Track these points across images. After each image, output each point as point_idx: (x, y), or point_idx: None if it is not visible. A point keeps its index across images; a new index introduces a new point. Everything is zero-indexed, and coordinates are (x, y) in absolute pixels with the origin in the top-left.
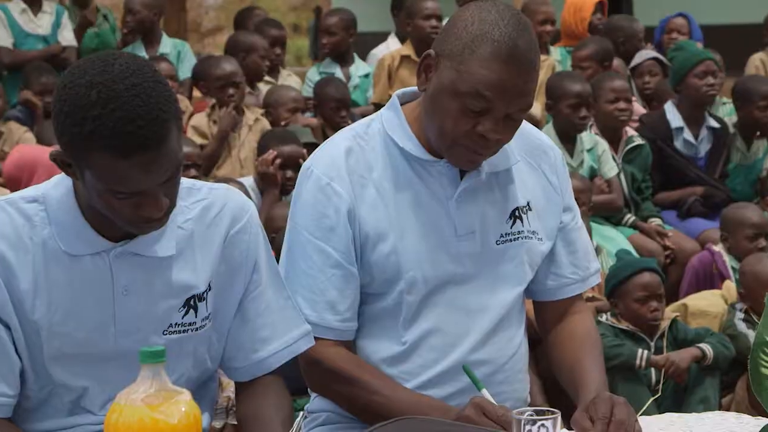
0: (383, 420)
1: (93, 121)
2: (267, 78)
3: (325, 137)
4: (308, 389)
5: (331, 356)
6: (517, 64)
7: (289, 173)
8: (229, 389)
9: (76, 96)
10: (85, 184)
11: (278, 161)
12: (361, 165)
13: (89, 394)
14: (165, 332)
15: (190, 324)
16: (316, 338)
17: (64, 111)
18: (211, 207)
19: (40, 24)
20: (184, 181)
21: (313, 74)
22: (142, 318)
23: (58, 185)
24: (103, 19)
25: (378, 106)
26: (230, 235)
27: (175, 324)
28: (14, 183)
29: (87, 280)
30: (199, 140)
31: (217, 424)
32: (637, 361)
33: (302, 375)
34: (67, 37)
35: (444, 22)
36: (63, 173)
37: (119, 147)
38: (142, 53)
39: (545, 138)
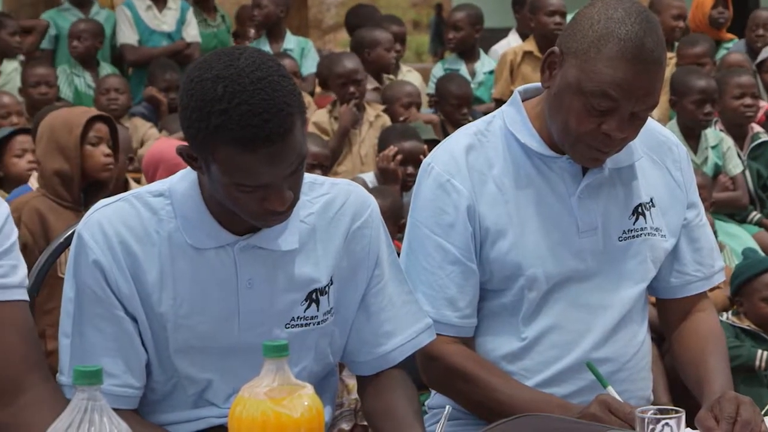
0: (502, 418)
1: (219, 115)
2: (385, 75)
3: (446, 134)
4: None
5: (450, 353)
6: (644, 63)
7: (410, 169)
8: (356, 392)
9: (203, 90)
10: (211, 178)
11: (399, 157)
12: (482, 162)
13: (213, 387)
14: (287, 325)
15: (312, 318)
16: (435, 335)
17: (191, 105)
18: (333, 202)
19: (165, 21)
20: (307, 176)
21: (438, 70)
22: (265, 311)
23: (183, 179)
24: (221, 20)
25: (499, 102)
26: (352, 230)
27: (298, 317)
28: (146, 177)
29: (212, 273)
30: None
31: (346, 427)
32: (757, 362)
33: (419, 371)
34: (191, 33)
35: (568, 19)
36: (188, 167)
37: (245, 140)
38: (267, 49)
39: (670, 134)
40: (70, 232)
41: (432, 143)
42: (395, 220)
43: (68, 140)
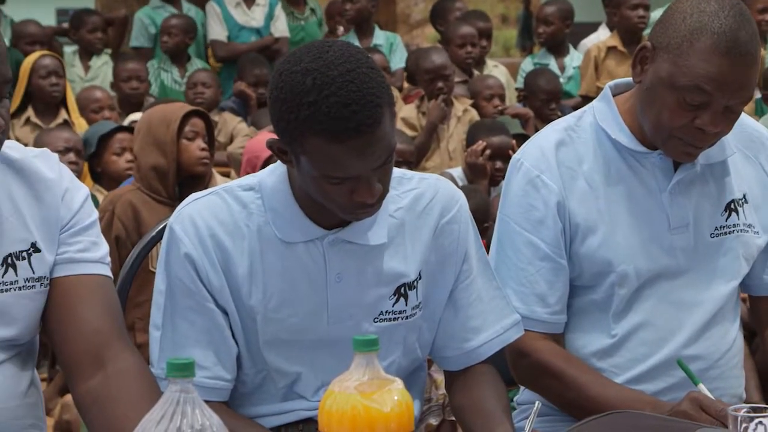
0: (592, 415)
1: (308, 107)
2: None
3: (535, 129)
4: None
5: (539, 349)
6: (738, 57)
7: (498, 164)
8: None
9: (292, 83)
10: (300, 171)
11: (487, 152)
12: (572, 157)
13: (302, 380)
14: (376, 320)
15: (400, 312)
16: (525, 331)
17: (281, 98)
18: (422, 196)
19: (254, 17)
20: (396, 171)
21: (527, 65)
22: (353, 305)
23: (273, 173)
24: (310, 12)
25: (585, 98)
26: (441, 225)
27: (386, 312)
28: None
29: (301, 267)
30: (408, 132)
31: (434, 422)
32: None
33: (509, 367)
34: (279, 28)
35: (652, 13)
36: (278, 162)
37: (334, 132)
38: (356, 43)
39: (763, 129)
40: (162, 226)
41: (520, 138)
42: (480, 222)
43: (165, 134)
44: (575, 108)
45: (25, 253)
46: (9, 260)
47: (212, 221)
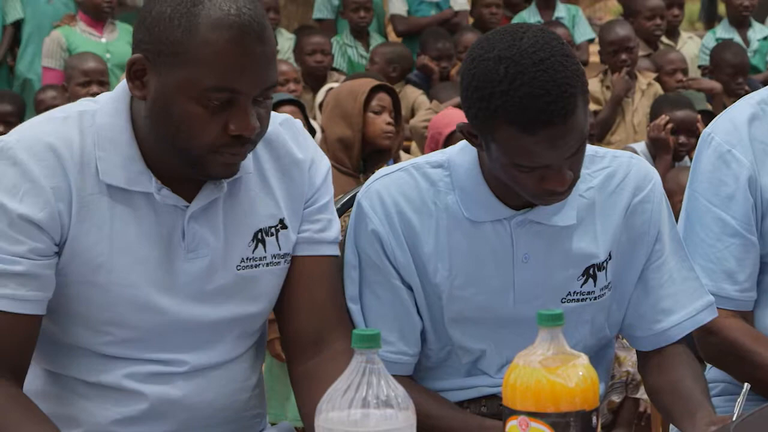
0: None
1: (500, 97)
2: (666, 41)
3: (723, 105)
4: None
5: (727, 327)
6: None
7: (682, 138)
8: (628, 364)
9: (485, 70)
10: (490, 156)
11: (670, 126)
12: (765, 132)
13: (486, 357)
14: (563, 300)
15: (588, 293)
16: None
17: (472, 85)
18: (614, 175)
19: None
20: (588, 149)
21: (709, 40)
22: (540, 285)
23: (463, 151)
24: None
25: None
26: (633, 204)
27: (574, 292)
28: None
29: (488, 246)
30: (592, 106)
31: (616, 399)
32: None
33: (696, 345)
34: (459, 1)
35: None
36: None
37: (526, 122)
38: (537, 18)
39: None
40: (347, 198)
41: (705, 114)
42: None
43: (352, 107)
44: (765, 83)
45: (273, 229)
46: (259, 236)
47: (400, 198)
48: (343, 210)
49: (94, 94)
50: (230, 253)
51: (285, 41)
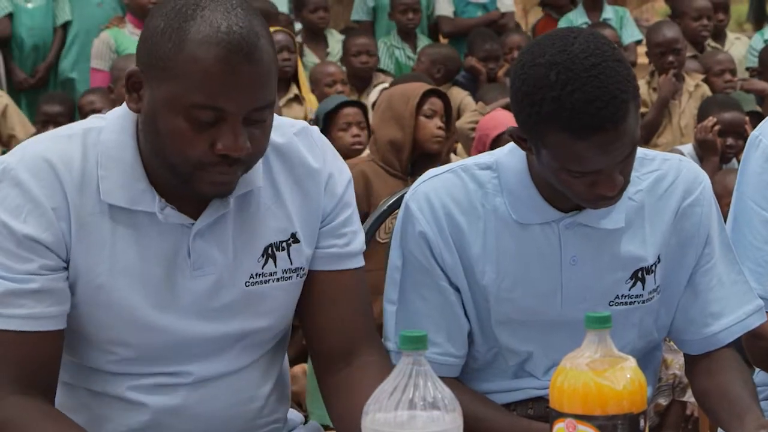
0: None
1: (551, 102)
2: (712, 43)
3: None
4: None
5: None
6: None
7: (729, 140)
8: (675, 367)
9: (535, 76)
10: (540, 160)
11: (717, 128)
12: None
13: (533, 359)
14: (611, 303)
15: (637, 296)
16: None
17: (523, 90)
18: (663, 178)
19: None
20: (637, 151)
21: (757, 42)
22: (588, 288)
23: (511, 153)
24: None
25: None
26: (683, 208)
27: (622, 296)
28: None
29: (536, 249)
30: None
31: (663, 402)
32: None
33: (744, 348)
34: (506, 3)
35: None
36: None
37: (577, 129)
38: (584, 19)
39: None
40: (393, 200)
41: (754, 116)
42: None
43: (404, 110)
44: None
45: (284, 244)
46: (269, 251)
47: (447, 200)
48: (389, 211)
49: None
50: (239, 270)
51: (335, 42)
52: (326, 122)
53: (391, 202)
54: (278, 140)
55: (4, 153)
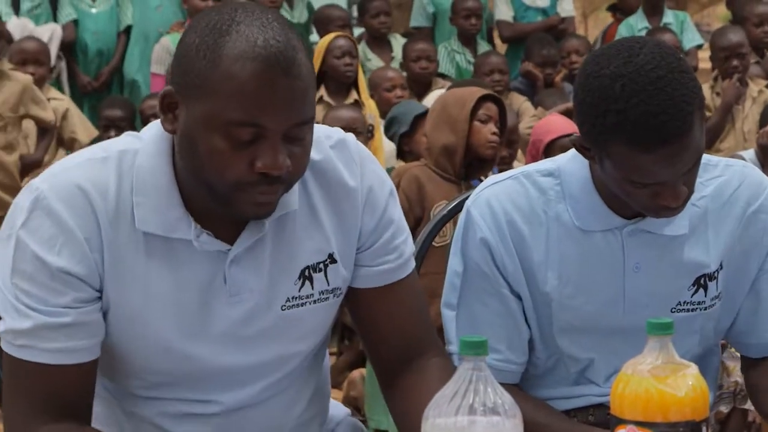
0: None
1: (615, 115)
2: None
3: None
4: None
5: None
6: None
7: None
8: (736, 374)
9: (600, 87)
10: (603, 170)
11: None
12: None
13: (594, 366)
14: (673, 310)
15: (698, 303)
16: None
17: (587, 101)
18: (727, 185)
19: None
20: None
21: None
22: (651, 295)
23: (573, 160)
24: None
25: None
26: (747, 215)
27: (684, 302)
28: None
29: (598, 255)
30: None
31: (724, 410)
32: None
33: None
34: (565, 8)
35: None
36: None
37: (641, 141)
38: (644, 24)
39: None
40: (453, 205)
41: None
42: None
43: (459, 114)
44: None
45: (321, 265)
46: (306, 273)
47: (509, 206)
48: (450, 216)
49: None
50: (275, 294)
51: (399, 47)
52: (414, 124)
53: (450, 207)
54: (315, 157)
55: (67, 155)
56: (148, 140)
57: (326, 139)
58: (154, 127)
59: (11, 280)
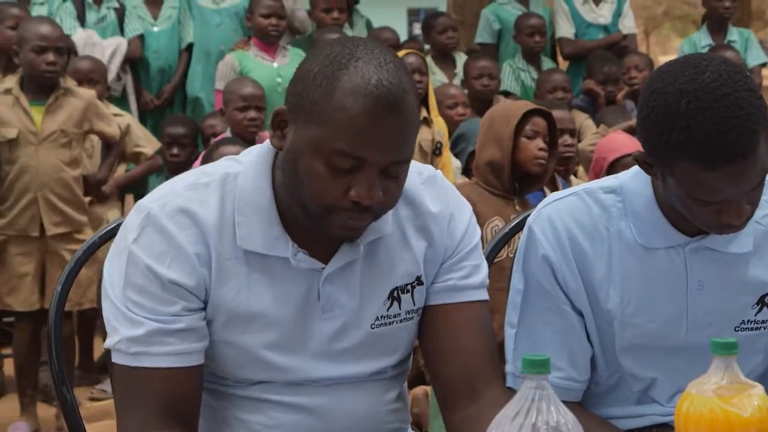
0: None
1: (680, 132)
2: None
3: None
4: None
5: None
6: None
7: None
8: None
9: (665, 104)
10: (666, 186)
11: None
12: None
13: (657, 385)
14: (737, 328)
15: (763, 322)
16: None
17: (651, 117)
18: None
19: (601, 13)
20: None
21: None
22: (714, 313)
23: (636, 177)
24: None
25: None
26: None
27: (748, 321)
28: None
29: (661, 273)
30: None
31: None
32: None
33: None
34: (627, 25)
35: None
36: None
37: (706, 159)
38: (708, 41)
39: None
40: (515, 222)
41: None
42: None
43: (504, 130)
44: None
45: (409, 286)
46: (395, 293)
47: (571, 223)
48: (511, 234)
49: (251, 119)
50: (365, 313)
51: (462, 64)
52: None
53: (513, 224)
54: (407, 188)
55: (128, 169)
56: (248, 164)
57: (417, 174)
58: (253, 151)
59: (123, 293)
